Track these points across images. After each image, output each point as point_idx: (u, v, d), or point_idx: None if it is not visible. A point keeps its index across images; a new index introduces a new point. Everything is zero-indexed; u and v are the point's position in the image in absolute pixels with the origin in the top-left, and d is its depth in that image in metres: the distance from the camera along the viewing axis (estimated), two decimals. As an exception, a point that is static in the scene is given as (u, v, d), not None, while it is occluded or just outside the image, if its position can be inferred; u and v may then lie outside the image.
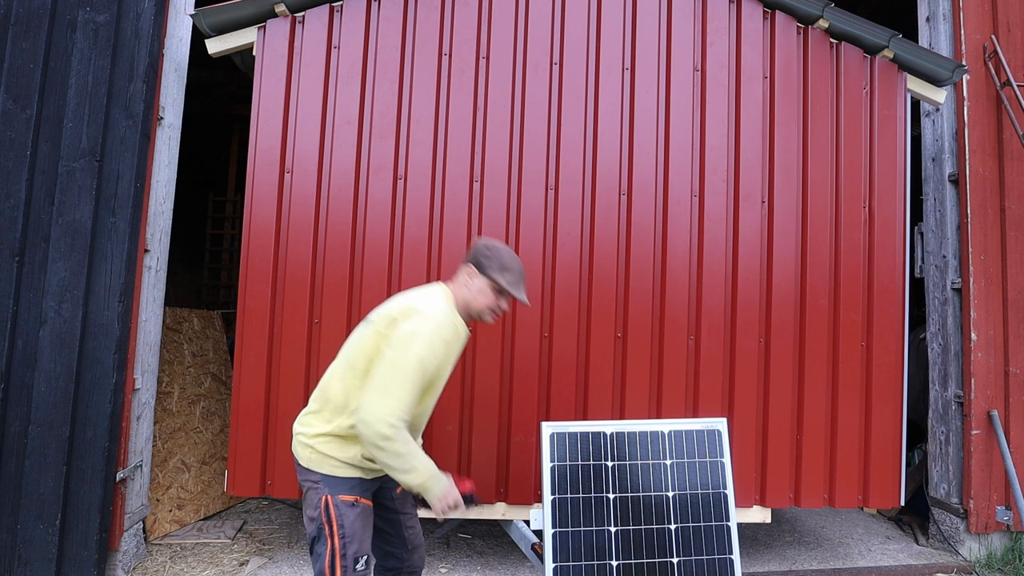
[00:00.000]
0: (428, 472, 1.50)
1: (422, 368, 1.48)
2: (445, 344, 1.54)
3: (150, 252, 2.81)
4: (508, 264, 1.63)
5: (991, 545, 3.11)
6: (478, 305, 1.65)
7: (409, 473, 1.46)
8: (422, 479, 1.48)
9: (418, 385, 1.48)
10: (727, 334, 2.79)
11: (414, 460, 1.47)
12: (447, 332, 1.55)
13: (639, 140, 2.82)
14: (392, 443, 1.42)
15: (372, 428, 1.42)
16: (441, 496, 1.51)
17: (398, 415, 1.44)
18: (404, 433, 1.45)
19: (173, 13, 2.89)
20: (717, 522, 1.93)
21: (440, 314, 1.55)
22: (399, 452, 1.44)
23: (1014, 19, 3.34)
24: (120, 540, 2.59)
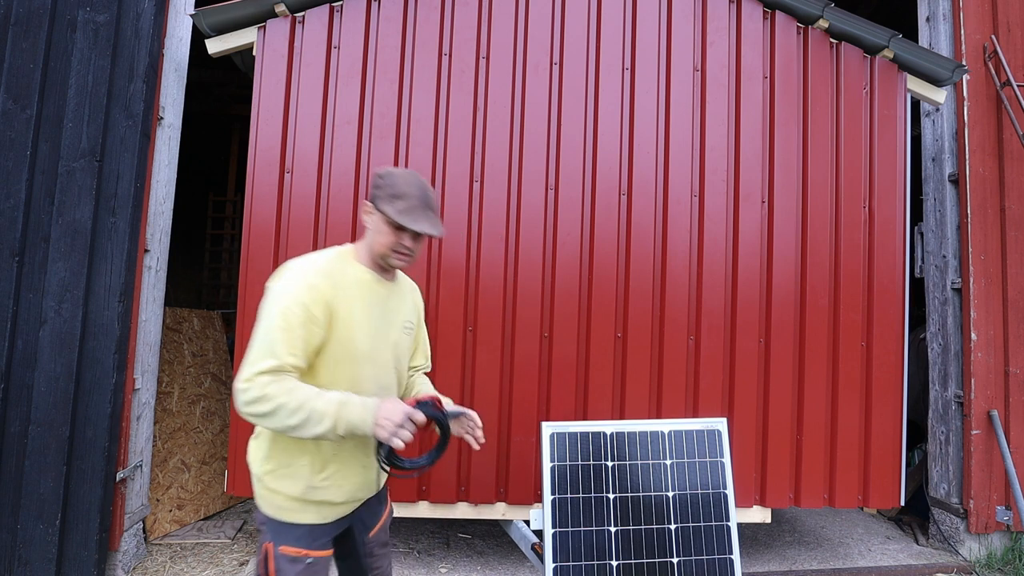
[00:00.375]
0: (335, 405, 1.19)
1: (284, 318, 1.22)
2: (310, 288, 1.25)
3: (150, 252, 2.81)
4: (401, 190, 1.30)
5: (991, 545, 3.11)
6: (379, 247, 1.34)
7: (316, 424, 1.18)
8: (333, 418, 1.18)
9: (284, 337, 1.21)
10: (727, 334, 2.79)
11: (306, 404, 1.18)
12: (314, 277, 1.27)
13: (639, 140, 2.82)
14: (263, 402, 1.16)
15: (237, 402, 1.18)
16: (375, 421, 1.20)
17: (257, 369, 1.18)
18: (275, 385, 1.17)
19: (173, 13, 2.89)
20: (717, 522, 1.93)
21: (307, 263, 1.32)
22: (279, 406, 1.16)
23: (1014, 19, 3.34)
24: (120, 540, 2.59)
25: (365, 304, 1.35)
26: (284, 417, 1.17)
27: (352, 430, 1.20)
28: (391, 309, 1.44)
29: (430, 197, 1.35)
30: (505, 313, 2.71)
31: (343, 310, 1.30)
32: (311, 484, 1.31)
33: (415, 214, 1.30)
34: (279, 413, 1.17)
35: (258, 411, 1.18)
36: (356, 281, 1.35)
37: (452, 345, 2.66)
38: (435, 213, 1.36)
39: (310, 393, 1.20)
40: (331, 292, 1.28)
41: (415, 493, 2.62)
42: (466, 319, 2.69)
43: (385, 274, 1.43)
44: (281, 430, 1.21)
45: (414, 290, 1.62)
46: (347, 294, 1.31)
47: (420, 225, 1.30)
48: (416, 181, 1.34)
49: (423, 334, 1.66)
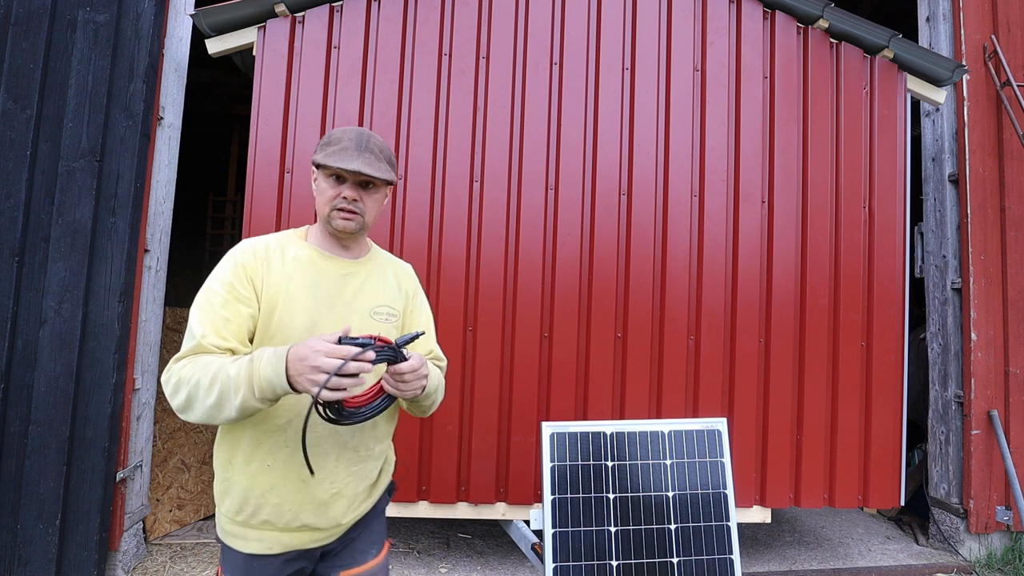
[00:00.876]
0: (246, 361, 1.01)
1: (206, 299, 1.12)
2: (235, 267, 1.15)
3: (150, 252, 2.81)
4: (334, 136, 1.19)
5: (991, 545, 3.11)
6: (322, 208, 1.21)
7: (233, 393, 0.99)
8: (247, 378, 0.99)
9: (206, 318, 1.09)
10: (727, 334, 2.79)
11: (220, 373, 1.01)
12: (242, 255, 1.17)
13: (639, 140, 2.82)
14: (180, 388, 1.03)
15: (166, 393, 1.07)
16: (289, 370, 0.97)
17: (176, 356, 1.09)
18: (190, 365, 1.05)
19: (173, 13, 2.89)
20: (717, 522, 1.93)
21: (242, 243, 1.23)
22: (195, 385, 1.01)
23: (1014, 19, 3.34)
24: (120, 540, 2.59)
25: (305, 283, 1.19)
26: (202, 397, 1.01)
27: (269, 388, 0.98)
28: (351, 290, 1.24)
29: (370, 142, 1.19)
30: (505, 313, 2.71)
31: (274, 288, 1.16)
32: (246, 499, 1.15)
33: (344, 154, 1.15)
34: (197, 394, 1.01)
35: (179, 401, 1.04)
36: (294, 258, 1.21)
37: (452, 345, 2.66)
38: (376, 157, 1.18)
39: (224, 361, 1.03)
40: (261, 269, 1.16)
41: (415, 493, 2.62)
42: (466, 319, 2.69)
43: (344, 250, 1.27)
44: (207, 417, 1.03)
45: (403, 274, 1.40)
46: (282, 271, 1.18)
47: (347, 162, 1.14)
48: (355, 129, 1.21)
49: (420, 325, 1.39)
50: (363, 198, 1.20)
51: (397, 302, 1.32)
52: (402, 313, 1.34)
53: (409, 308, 1.37)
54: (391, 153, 1.25)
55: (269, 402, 1.02)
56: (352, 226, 1.20)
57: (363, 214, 1.21)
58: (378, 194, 1.24)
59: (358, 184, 1.19)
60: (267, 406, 1.03)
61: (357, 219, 1.20)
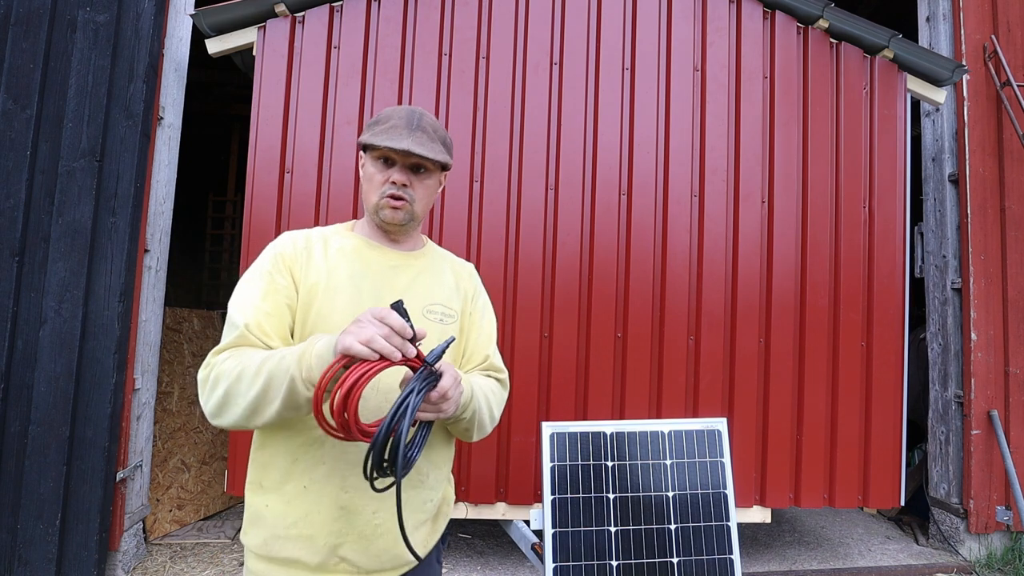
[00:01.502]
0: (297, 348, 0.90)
1: (246, 289, 1.04)
2: (275, 257, 1.07)
3: (150, 252, 2.81)
4: (381, 116, 1.09)
5: (991, 545, 3.11)
6: (370, 197, 1.10)
7: (282, 377, 0.88)
8: (295, 360, 0.88)
9: (247, 310, 1.00)
10: (727, 334, 2.79)
11: (268, 360, 0.91)
12: (282, 245, 1.10)
13: (639, 140, 2.82)
14: (220, 383, 0.93)
15: (204, 408, 0.97)
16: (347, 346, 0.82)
17: (217, 349, 0.99)
18: (232, 358, 0.95)
19: (173, 13, 2.89)
20: (717, 522, 1.93)
21: (280, 237, 1.14)
22: (238, 376, 0.91)
23: (1014, 19, 3.34)
24: (120, 540, 2.59)
25: (349, 273, 1.08)
26: (244, 390, 0.90)
27: (319, 364, 0.86)
28: (401, 284, 1.12)
29: (422, 120, 1.08)
30: (505, 313, 2.71)
31: (314, 278, 1.06)
32: (275, 533, 1.01)
33: (392, 133, 1.04)
34: (239, 388, 0.90)
35: (216, 399, 0.93)
36: (338, 249, 1.11)
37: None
38: (429, 136, 1.07)
39: (274, 351, 0.93)
40: (300, 258, 1.07)
41: (415, 493, 2.62)
42: (466, 319, 2.69)
43: (393, 242, 1.16)
44: (245, 415, 0.91)
45: (462, 272, 1.26)
46: (324, 262, 1.08)
47: (396, 140, 1.03)
48: (405, 107, 1.10)
49: (481, 331, 1.22)
50: (413, 183, 1.08)
51: (454, 302, 1.18)
52: (460, 315, 1.18)
53: (468, 310, 1.21)
54: (446, 134, 1.13)
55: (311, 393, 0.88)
56: (400, 216, 1.09)
57: (412, 202, 1.09)
58: (431, 180, 1.11)
59: (408, 168, 1.07)
60: (310, 396, 0.88)
61: (406, 207, 1.08)
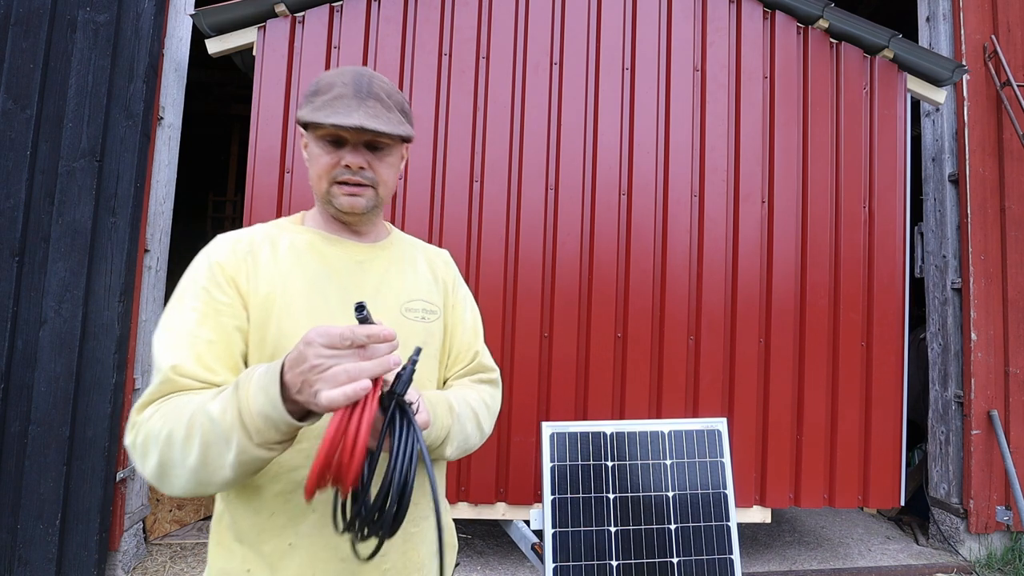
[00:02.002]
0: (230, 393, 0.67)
1: (177, 316, 0.79)
2: (211, 268, 0.83)
3: (150, 252, 2.81)
4: (322, 83, 0.86)
5: (991, 545, 3.11)
6: (317, 183, 0.88)
7: (223, 441, 0.65)
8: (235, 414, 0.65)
9: (179, 342, 0.76)
10: (727, 334, 2.79)
11: (197, 416, 0.67)
12: (219, 252, 0.86)
13: (639, 140, 2.82)
14: (149, 448, 0.70)
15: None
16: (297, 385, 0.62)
17: (140, 403, 0.75)
18: (159, 413, 0.71)
19: (173, 13, 2.89)
20: (717, 522, 1.93)
21: (220, 237, 0.90)
22: (167, 440, 0.68)
23: (1014, 19, 3.34)
24: (120, 540, 2.59)
25: (308, 277, 0.87)
26: (180, 458, 0.67)
27: (267, 424, 0.64)
28: (371, 281, 0.92)
29: (372, 84, 0.85)
30: (505, 313, 2.71)
31: (266, 289, 0.84)
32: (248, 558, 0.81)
33: (338, 105, 0.82)
34: (172, 455, 0.68)
35: (151, 468, 0.70)
36: (289, 247, 0.89)
37: (452, 345, 2.66)
38: (384, 105, 0.85)
39: (203, 398, 0.69)
40: (244, 267, 0.85)
41: (415, 493, 2.62)
42: (466, 319, 2.69)
43: (354, 234, 0.95)
44: (195, 486, 0.69)
45: (437, 260, 1.07)
46: (275, 267, 0.86)
47: (344, 115, 0.80)
48: (351, 69, 0.87)
49: (465, 325, 1.05)
50: (372, 164, 0.87)
51: (435, 295, 1.00)
52: (443, 309, 1.01)
53: (450, 303, 1.04)
54: (403, 98, 0.91)
55: (279, 446, 0.67)
56: (361, 203, 0.88)
57: (375, 185, 0.88)
58: (392, 156, 0.90)
59: (363, 146, 0.86)
60: (279, 452, 0.68)
61: (367, 193, 0.88)
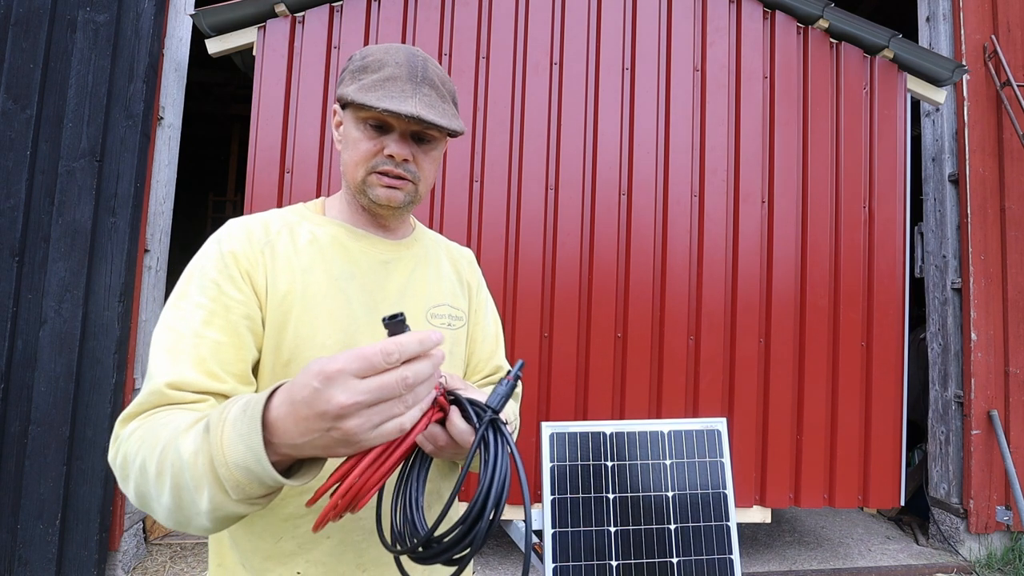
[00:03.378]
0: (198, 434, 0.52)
1: (178, 313, 0.68)
2: (222, 258, 0.72)
3: (150, 252, 2.81)
4: (370, 59, 0.75)
5: (991, 545, 3.11)
6: (353, 171, 0.78)
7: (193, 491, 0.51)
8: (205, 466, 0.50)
9: (180, 345, 0.65)
10: (727, 334, 2.79)
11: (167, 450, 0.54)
12: (233, 240, 0.74)
13: (639, 140, 2.82)
14: (127, 472, 0.58)
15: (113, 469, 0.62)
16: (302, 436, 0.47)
17: (124, 415, 0.63)
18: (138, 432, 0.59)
19: (173, 13, 2.89)
20: (717, 522, 1.93)
21: (236, 221, 0.78)
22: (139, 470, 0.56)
23: (1014, 19, 3.34)
24: (120, 540, 2.59)
25: (331, 275, 0.77)
26: (154, 494, 0.55)
27: (250, 480, 0.49)
28: (396, 284, 0.83)
29: (427, 68, 0.75)
30: (505, 313, 2.71)
31: (284, 287, 0.74)
32: None
33: (392, 88, 0.72)
34: (147, 488, 0.56)
35: (132, 494, 0.59)
36: (310, 240, 0.79)
37: (452, 345, 2.66)
38: (439, 94, 0.76)
39: (181, 422, 0.56)
40: (261, 259, 0.74)
41: (415, 493, 2.62)
42: (466, 319, 2.69)
43: (381, 228, 0.86)
44: (178, 525, 0.56)
45: (462, 260, 0.98)
46: (294, 261, 0.76)
47: (399, 102, 0.70)
48: (402, 48, 0.76)
49: (487, 333, 0.97)
50: (416, 157, 0.77)
51: (460, 299, 0.91)
52: (468, 315, 0.93)
53: (473, 307, 0.95)
54: (454, 87, 0.82)
55: (263, 500, 0.53)
56: (400, 197, 0.78)
57: (416, 180, 0.78)
58: (437, 150, 0.81)
59: (410, 136, 0.76)
60: (262, 506, 0.53)
61: (407, 187, 0.78)
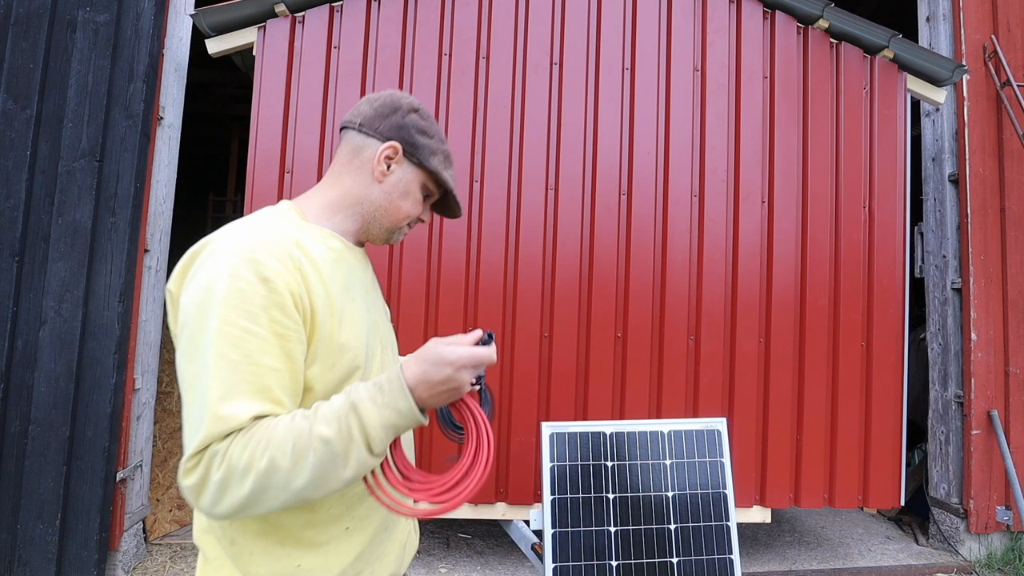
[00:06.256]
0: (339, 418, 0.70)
1: (231, 337, 0.69)
2: (268, 283, 0.71)
3: (150, 252, 2.81)
4: (431, 127, 0.91)
5: (991, 545, 3.11)
6: (394, 214, 0.89)
7: (342, 459, 0.69)
8: (357, 436, 0.69)
9: (241, 369, 0.68)
10: (727, 334, 2.79)
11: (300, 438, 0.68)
12: (271, 270, 0.72)
13: (639, 140, 2.82)
14: (237, 480, 0.66)
15: (195, 501, 0.69)
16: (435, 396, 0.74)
17: (209, 434, 0.66)
18: (240, 443, 0.67)
19: (173, 13, 2.89)
20: (717, 522, 1.93)
21: (244, 238, 0.75)
22: (268, 467, 0.66)
23: (1014, 19, 3.34)
24: (120, 540, 2.59)
25: (340, 284, 0.82)
26: (282, 483, 0.67)
27: (392, 435, 0.73)
28: (371, 282, 0.95)
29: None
30: (505, 313, 2.71)
31: (321, 302, 0.77)
32: (342, 571, 0.83)
33: (451, 168, 0.94)
34: (272, 481, 0.67)
35: (240, 498, 0.67)
36: (326, 252, 0.82)
37: (452, 345, 2.66)
38: None
39: (296, 424, 0.69)
40: (296, 281, 0.75)
41: (415, 493, 2.62)
42: (466, 319, 2.69)
43: (358, 241, 0.94)
44: (287, 503, 0.69)
45: None
46: (318, 278, 0.78)
47: (455, 188, 0.94)
48: (439, 129, 0.94)
49: None
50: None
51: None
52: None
53: None
54: None
55: (384, 453, 0.75)
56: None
57: None
58: None
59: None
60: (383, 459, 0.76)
61: None
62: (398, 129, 0.87)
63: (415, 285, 2.64)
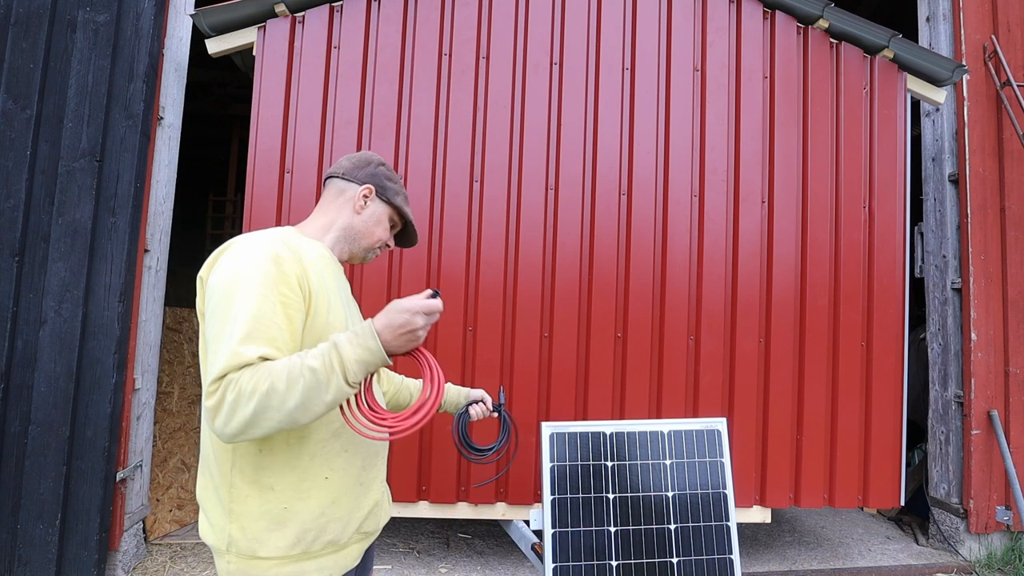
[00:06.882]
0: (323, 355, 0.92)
1: (258, 300, 0.93)
2: (279, 264, 0.98)
3: (150, 252, 2.81)
4: (391, 173, 1.25)
5: (991, 545, 3.11)
6: (368, 239, 1.20)
7: (323, 386, 0.91)
8: (335, 368, 0.92)
9: (260, 325, 0.92)
10: (727, 334, 2.79)
11: (294, 370, 0.90)
12: (276, 252, 0.99)
13: (639, 140, 2.82)
14: (246, 399, 0.87)
15: (213, 420, 0.90)
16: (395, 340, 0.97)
17: (228, 365, 0.89)
18: (249, 375, 0.88)
19: (173, 13, 2.89)
20: (717, 522, 1.93)
21: (262, 236, 1.04)
22: (269, 390, 0.88)
23: (1014, 19, 3.34)
24: (120, 540, 2.59)
25: (328, 281, 1.10)
26: (277, 404, 0.88)
27: (364, 370, 0.94)
28: (348, 295, 1.22)
29: None
30: (505, 313, 2.71)
31: (316, 288, 1.04)
32: (305, 525, 1.02)
33: (408, 205, 1.28)
34: (270, 402, 0.87)
35: (244, 416, 0.87)
36: (319, 256, 1.10)
37: (452, 345, 2.66)
38: None
39: (293, 360, 0.91)
40: (298, 266, 1.01)
41: (415, 493, 2.62)
42: (466, 319, 2.69)
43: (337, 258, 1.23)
44: (280, 424, 0.90)
45: None
46: (314, 270, 1.06)
47: (413, 220, 1.30)
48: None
49: None
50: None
51: None
52: None
53: None
54: None
55: (358, 385, 0.96)
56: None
57: None
58: None
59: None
60: (355, 391, 0.96)
61: None
62: (372, 176, 1.20)
63: (415, 285, 2.65)
